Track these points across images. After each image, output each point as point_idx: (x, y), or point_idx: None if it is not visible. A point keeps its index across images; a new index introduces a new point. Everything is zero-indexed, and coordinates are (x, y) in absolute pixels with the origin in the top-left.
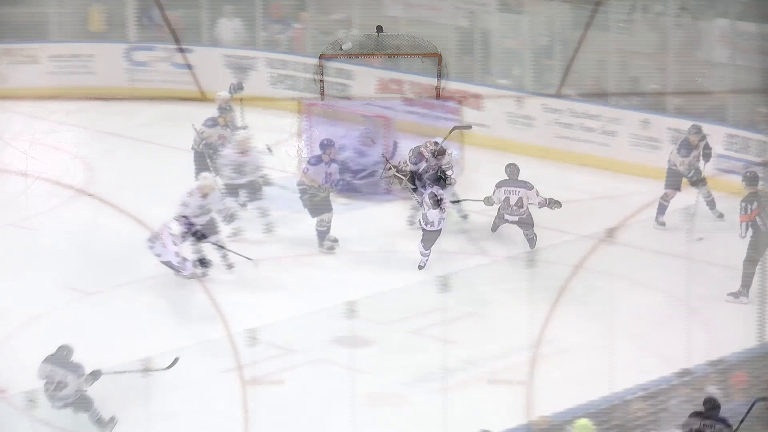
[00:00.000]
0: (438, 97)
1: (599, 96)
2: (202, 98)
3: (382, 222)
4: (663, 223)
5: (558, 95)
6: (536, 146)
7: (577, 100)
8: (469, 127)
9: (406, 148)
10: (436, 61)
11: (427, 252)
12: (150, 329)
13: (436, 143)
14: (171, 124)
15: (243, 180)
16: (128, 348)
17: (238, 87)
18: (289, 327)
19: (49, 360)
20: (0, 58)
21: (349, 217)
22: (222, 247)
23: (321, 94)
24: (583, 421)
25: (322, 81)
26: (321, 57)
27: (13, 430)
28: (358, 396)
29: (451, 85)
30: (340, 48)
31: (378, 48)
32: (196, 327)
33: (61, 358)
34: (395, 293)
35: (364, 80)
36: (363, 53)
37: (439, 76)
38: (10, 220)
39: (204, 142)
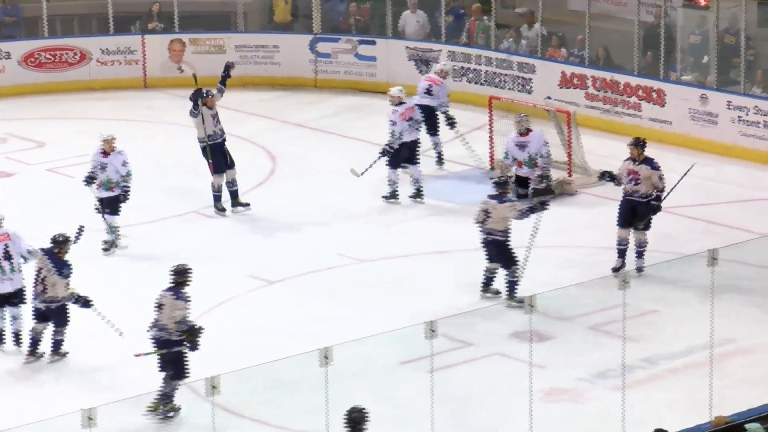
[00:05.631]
0: None
1: None
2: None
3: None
4: None
5: (743, 92)
6: (720, 144)
7: (763, 97)
8: None
9: None
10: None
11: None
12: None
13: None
14: (355, 116)
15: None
16: (305, 335)
17: None
18: (467, 320)
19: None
20: (187, 48)
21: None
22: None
23: None
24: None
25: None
26: None
27: (196, 416)
28: (535, 391)
29: (635, 81)
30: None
31: None
32: (373, 316)
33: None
34: (574, 288)
35: (547, 74)
36: None
37: None
38: (194, 208)
39: None
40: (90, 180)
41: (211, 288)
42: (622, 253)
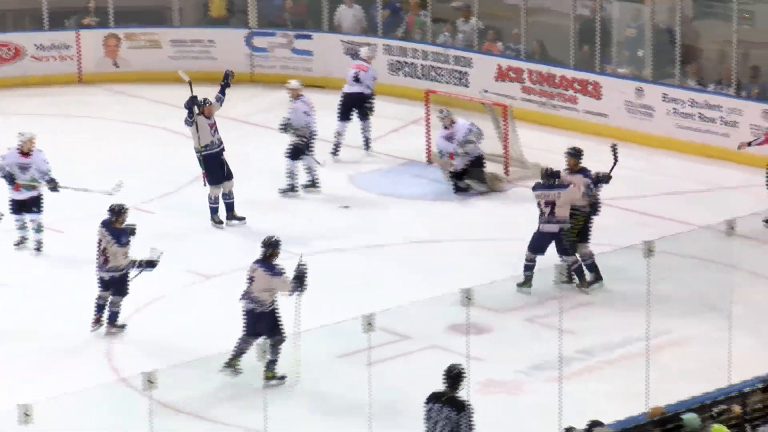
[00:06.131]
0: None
1: (720, 86)
2: (322, 85)
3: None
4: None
5: (678, 85)
6: (655, 136)
7: (698, 90)
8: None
9: None
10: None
11: None
12: None
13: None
14: None
15: None
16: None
17: None
18: (404, 313)
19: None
20: (122, 43)
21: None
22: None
23: None
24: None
25: None
26: None
27: (133, 410)
28: (473, 383)
29: (571, 74)
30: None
31: None
32: (312, 309)
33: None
34: (511, 281)
35: (483, 68)
36: None
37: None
38: (132, 204)
39: None
40: (12, 179)
41: (148, 282)
42: None
